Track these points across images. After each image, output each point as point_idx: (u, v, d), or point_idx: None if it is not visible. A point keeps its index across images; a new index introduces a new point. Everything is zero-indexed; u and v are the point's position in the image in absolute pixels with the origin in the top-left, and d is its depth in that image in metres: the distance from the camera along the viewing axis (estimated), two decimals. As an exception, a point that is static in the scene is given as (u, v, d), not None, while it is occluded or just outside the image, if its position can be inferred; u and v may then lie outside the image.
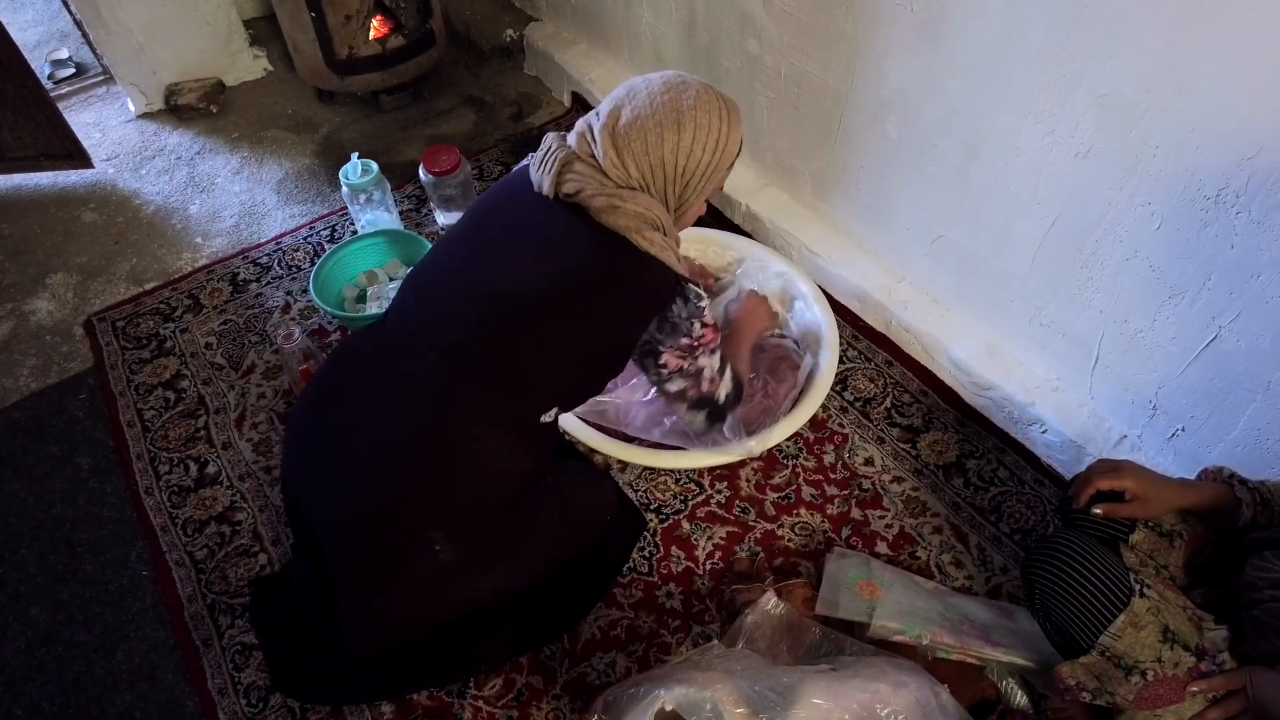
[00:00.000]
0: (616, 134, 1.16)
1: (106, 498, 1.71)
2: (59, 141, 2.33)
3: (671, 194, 1.21)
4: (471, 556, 1.23)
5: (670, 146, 1.16)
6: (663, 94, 1.16)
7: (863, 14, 1.54)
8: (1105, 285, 1.41)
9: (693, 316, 1.24)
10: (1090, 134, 1.29)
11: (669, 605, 1.49)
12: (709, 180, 1.22)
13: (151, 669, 1.48)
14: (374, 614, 1.23)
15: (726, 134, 1.19)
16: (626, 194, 1.16)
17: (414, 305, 1.28)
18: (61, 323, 2.05)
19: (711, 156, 1.19)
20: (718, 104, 1.18)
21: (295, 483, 1.30)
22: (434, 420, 1.19)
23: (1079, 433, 1.55)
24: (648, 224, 1.17)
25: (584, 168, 1.18)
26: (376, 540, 1.19)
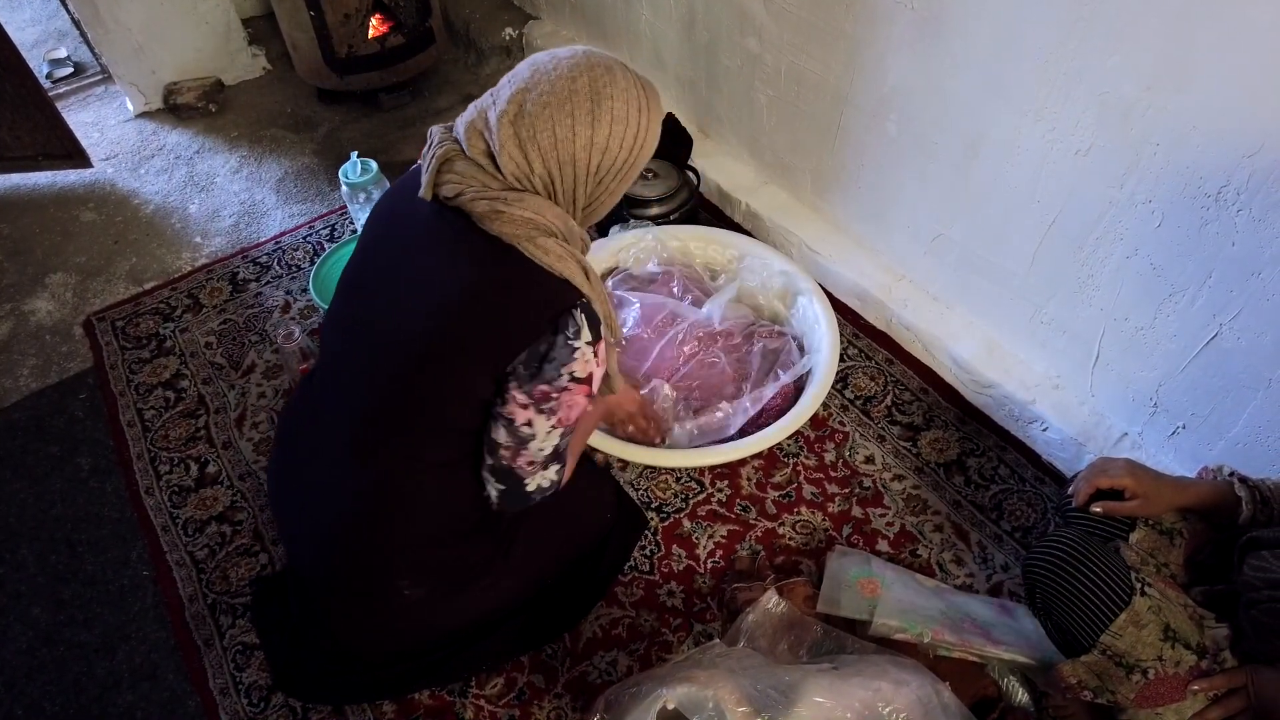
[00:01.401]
0: (520, 124, 1.00)
1: (107, 498, 1.71)
2: (57, 141, 2.33)
3: (581, 193, 1.05)
4: (445, 591, 1.21)
5: (583, 142, 1.00)
6: (573, 79, 0.99)
7: (862, 12, 1.54)
8: (1106, 283, 1.40)
9: (565, 362, 1.03)
10: (1090, 132, 1.29)
11: (670, 604, 1.49)
12: (625, 177, 1.07)
13: (153, 669, 1.47)
14: (360, 644, 1.26)
15: (646, 126, 1.04)
16: (512, 197, 1.00)
17: (327, 351, 1.21)
18: (61, 322, 2.05)
19: (630, 153, 1.04)
20: (636, 91, 1.02)
21: (277, 522, 1.31)
22: (369, 475, 1.13)
23: (1079, 430, 1.55)
24: (539, 230, 1.01)
25: (466, 166, 1.03)
26: (344, 591, 1.20)
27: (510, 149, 1.01)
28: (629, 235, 1.87)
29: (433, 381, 1.06)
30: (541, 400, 1.05)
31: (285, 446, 1.31)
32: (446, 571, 1.22)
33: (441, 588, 1.22)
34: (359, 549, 1.17)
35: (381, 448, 1.12)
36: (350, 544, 1.17)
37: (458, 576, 1.23)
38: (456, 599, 1.25)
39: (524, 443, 1.08)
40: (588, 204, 1.08)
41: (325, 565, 1.21)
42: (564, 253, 1.02)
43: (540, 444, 1.09)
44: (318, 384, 1.24)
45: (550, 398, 1.05)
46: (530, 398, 1.04)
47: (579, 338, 1.03)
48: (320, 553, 1.21)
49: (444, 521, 1.18)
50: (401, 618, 1.23)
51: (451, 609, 1.26)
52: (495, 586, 1.28)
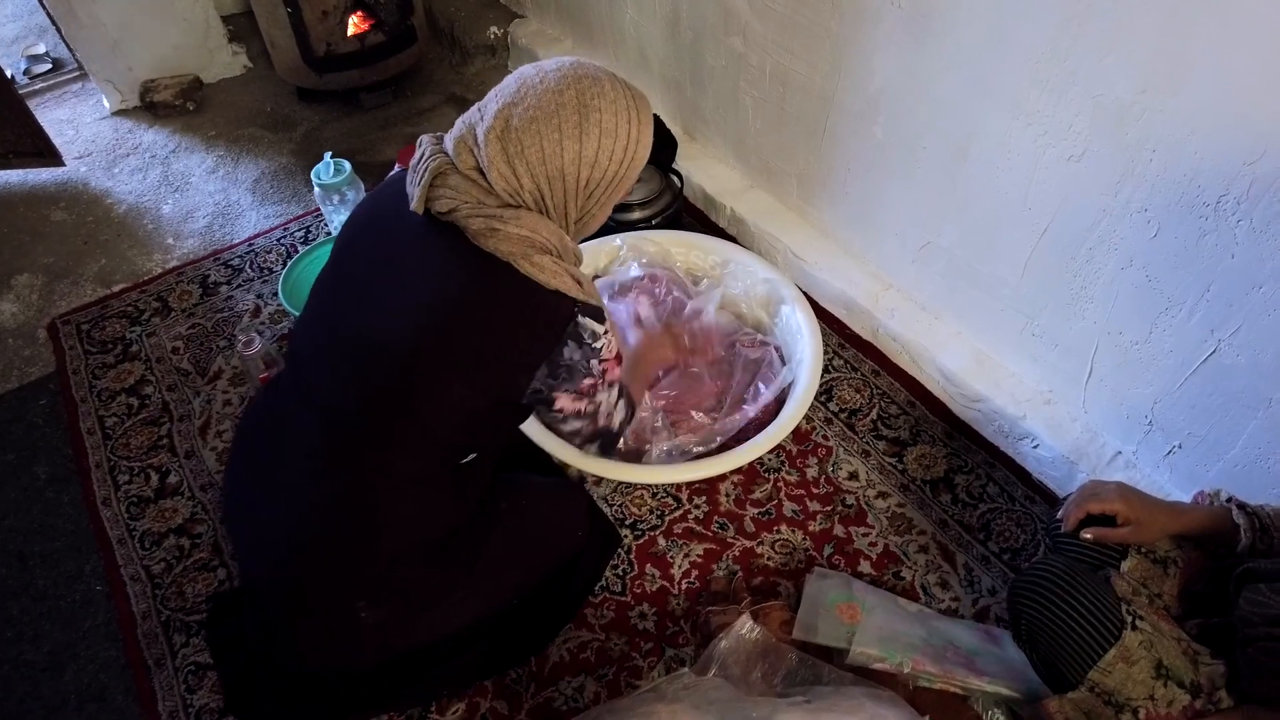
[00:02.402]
0: (507, 140, 0.99)
1: (63, 508, 1.65)
2: (28, 139, 2.28)
3: (573, 208, 1.05)
4: (405, 612, 1.16)
5: (571, 156, 0.99)
6: (560, 91, 0.98)
7: (848, 9, 1.48)
8: (1099, 295, 1.34)
9: (589, 357, 1.10)
10: (1084, 136, 1.22)
11: (642, 627, 1.42)
12: (615, 190, 1.06)
13: (101, 690, 1.41)
14: (315, 664, 1.21)
15: (636, 138, 1.02)
16: (508, 215, 0.99)
17: (297, 355, 1.17)
18: (25, 325, 1.99)
19: (620, 166, 1.03)
20: (625, 102, 1.01)
21: (230, 535, 1.26)
22: (332, 487, 1.09)
23: (1071, 448, 1.48)
24: (535, 248, 1.00)
25: (460, 181, 1.01)
26: (299, 609, 1.14)
27: (499, 165, 0.99)
28: (603, 242, 1.81)
29: (417, 392, 1.04)
30: (588, 393, 1.15)
31: (243, 456, 1.25)
32: (407, 592, 1.16)
33: (401, 609, 1.16)
34: (315, 566, 1.12)
35: (350, 459, 1.08)
36: (306, 560, 1.12)
37: (419, 597, 1.17)
38: (418, 620, 1.19)
39: (596, 416, 1.20)
40: (579, 217, 1.07)
41: (279, 582, 1.15)
42: (558, 268, 1.02)
43: (608, 405, 1.21)
44: (283, 391, 1.19)
45: (595, 385, 1.15)
46: (577, 392, 1.14)
47: (598, 338, 1.09)
48: (275, 568, 1.15)
49: (408, 539, 1.13)
50: (359, 638, 1.17)
51: (412, 630, 1.20)
52: (459, 608, 1.22)
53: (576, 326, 1.07)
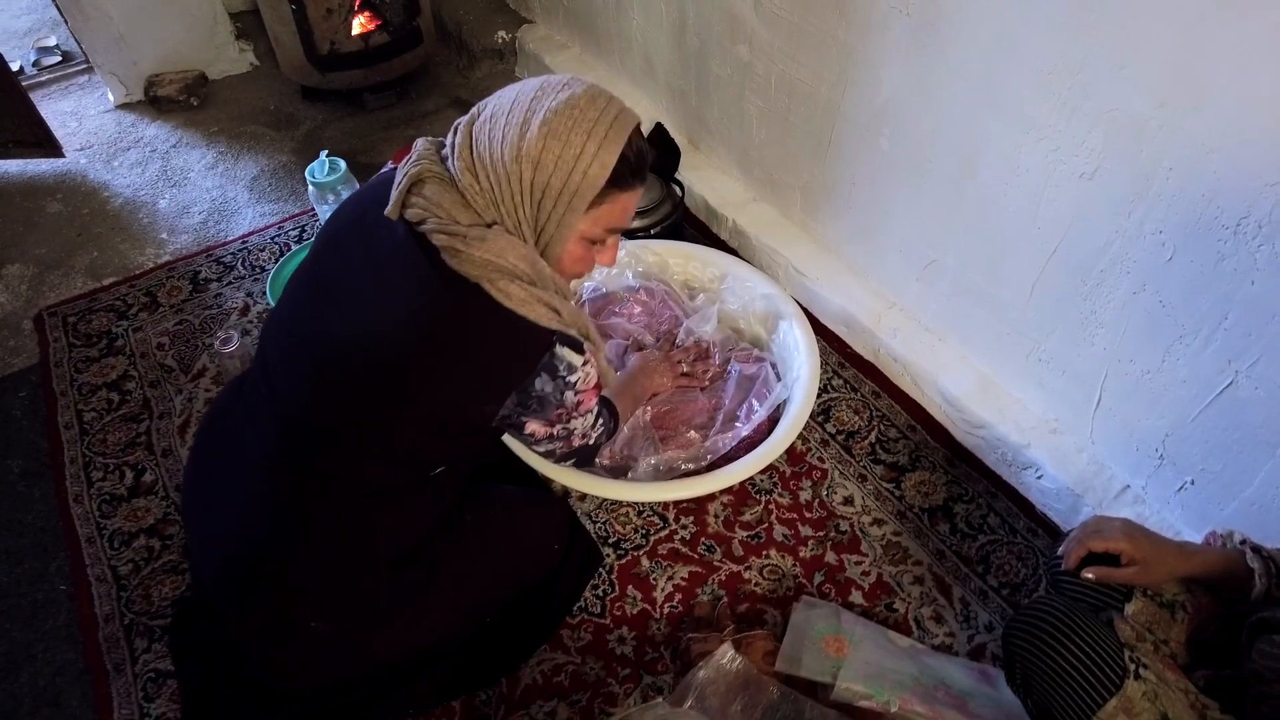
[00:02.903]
0: (473, 133, 0.96)
1: (33, 504, 1.60)
2: (28, 129, 2.26)
3: (525, 216, 0.96)
4: (354, 625, 1.11)
5: (512, 152, 0.92)
6: (533, 93, 0.94)
7: (855, 17, 1.43)
8: (1110, 320, 1.28)
9: (562, 390, 1.05)
10: (1097, 152, 1.17)
11: (620, 651, 1.36)
12: (570, 207, 0.95)
13: (56, 694, 1.36)
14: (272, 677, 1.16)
15: (592, 154, 0.92)
16: (473, 235, 0.93)
17: (265, 352, 1.12)
18: (12, 315, 1.96)
19: (567, 175, 0.92)
20: (595, 116, 0.92)
21: (187, 536, 1.23)
22: (288, 493, 1.04)
23: (1077, 480, 1.42)
24: (501, 273, 0.94)
25: (435, 191, 0.95)
26: (246, 618, 1.09)
27: (464, 157, 0.95)
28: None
29: (378, 408, 1.00)
30: (563, 417, 1.10)
31: (204, 452, 1.20)
32: (359, 604, 1.11)
33: (352, 622, 1.11)
34: (263, 572, 1.07)
35: (306, 466, 1.03)
36: (254, 566, 1.06)
37: (373, 610, 1.12)
38: (373, 634, 1.14)
39: (569, 438, 1.15)
40: (536, 233, 0.98)
41: (227, 586, 1.10)
42: (528, 296, 0.96)
43: (582, 429, 1.16)
44: (248, 391, 1.14)
45: (568, 411, 1.10)
46: (550, 421, 1.09)
47: (573, 371, 1.04)
48: (224, 571, 1.10)
49: (361, 550, 1.08)
50: (310, 649, 1.13)
51: (367, 645, 1.15)
52: (418, 623, 1.17)
53: (552, 358, 1.02)
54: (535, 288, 0.97)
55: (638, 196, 1.03)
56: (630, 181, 0.98)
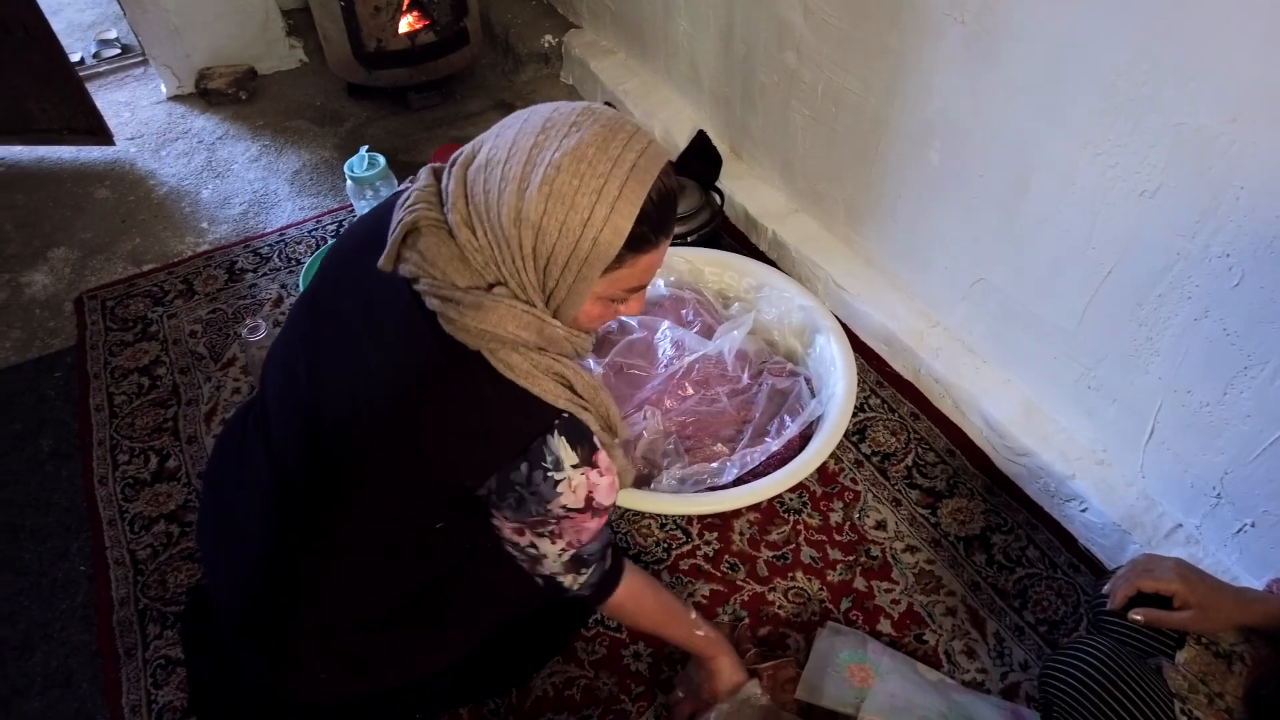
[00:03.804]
0: (468, 181, 0.82)
1: (61, 483, 1.61)
2: (82, 116, 2.30)
3: (530, 280, 0.82)
4: (362, 674, 1.04)
5: (510, 214, 0.78)
6: (534, 136, 0.79)
7: (908, 25, 1.38)
8: (1167, 348, 1.21)
9: (549, 499, 0.86)
10: (1160, 169, 1.10)
11: (634, 668, 1.31)
12: (578, 277, 0.80)
13: (68, 675, 1.36)
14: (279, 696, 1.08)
15: (604, 218, 0.77)
16: (469, 301, 0.81)
17: (266, 385, 1.02)
18: (54, 297, 1.99)
19: (575, 243, 0.78)
20: (605, 169, 0.77)
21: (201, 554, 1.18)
22: (277, 549, 0.96)
23: (1125, 515, 1.34)
24: (501, 343, 0.82)
25: (431, 243, 0.83)
26: (254, 658, 1.02)
27: (459, 208, 0.82)
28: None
29: (365, 470, 0.89)
30: (537, 526, 0.93)
31: (214, 480, 1.14)
32: (368, 656, 1.03)
33: (360, 671, 1.04)
34: (265, 625, 0.99)
35: (304, 518, 0.94)
36: (256, 618, 0.99)
37: (380, 659, 1.04)
38: (381, 675, 1.07)
39: (536, 560, 0.98)
40: (546, 296, 0.84)
41: (234, 628, 1.03)
42: (532, 367, 0.84)
43: (553, 562, 0.97)
44: (252, 422, 1.06)
45: (547, 524, 0.93)
46: (523, 524, 0.93)
47: (560, 468, 0.86)
48: (229, 614, 1.03)
49: (365, 608, 1.00)
50: (318, 689, 1.05)
51: (378, 680, 1.07)
52: (430, 659, 1.09)
53: (542, 444, 0.85)
54: (544, 354, 0.85)
55: (663, 252, 0.87)
56: (653, 240, 0.83)
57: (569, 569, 0.99)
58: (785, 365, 1.60)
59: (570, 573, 1.00)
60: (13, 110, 2.27)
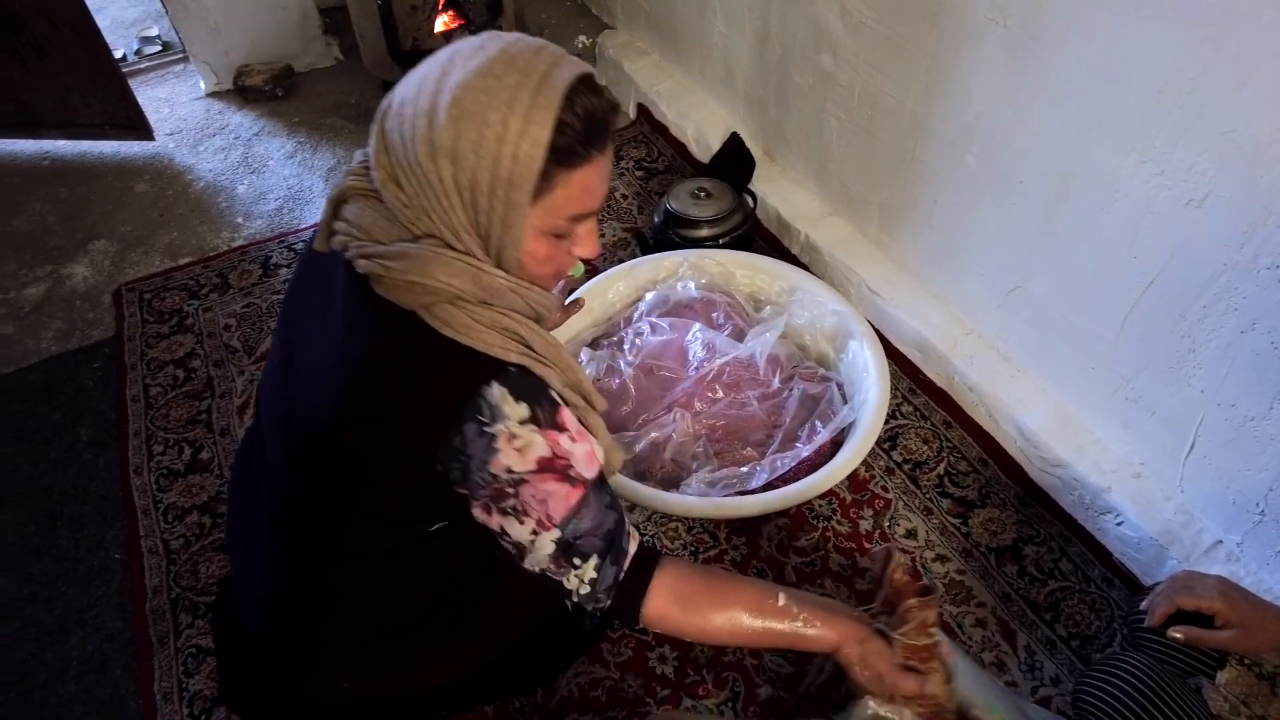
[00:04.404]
0: (385, 131, 0.78)
1: (98, 472, 1.64)
2: (124, 112, 2.34)
3: (461, 223, 0.77)
4: (387, 681, 1.04)
5: (424, 148, 0.74)
6: (441, 67, 0.75)
7: (948, 28, 1.37)
8: (1211, 360, 1.18)
9: (486, 458, 0.78)
10: (1208, 178, 1.08)
11: (660, 671, 1.31)
12: (507, 204, 0.75)
13: (102, 661, 1.38)
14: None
15: (518, 129, 0.72)
16: (393, 253, 0.77)
17: (259, 408, 1.03)
18: (94, 289, 2.02)
19: (492, 165, 0.73)
20: (514, 81, 0.73)
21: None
22: (286, 566, 0.95)
23: (1162, 530, 1.31)
24: (435, 296, 0.78)
25: (356, 208, 0.81)
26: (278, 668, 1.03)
27: (380, 160, 0.79)
28: (663, 257, 1.72)
29: (346, 475, 0.86)
30: (498, 500, 0.82)
31: (233, 495, 1.16)
32: (389, 665, 1.03)
33: (385, 679, 1.05)
34: (286, 637, 1.00)
35: (302, 535, 0.94)
36: (277, 629, 1.00)
37: (404, 666, 1.04)
38: (406, 681, 1.07)
39: (521, 552, 0.86)
40: (484, 240, 0.79)
41: (258, 631, 1.03)
42: (472, 321, 0.79)
43: (534, 552, 0.85)
44: (256, 444, 1.06)
45: (505, 495, 0.81)
46: (485, 502, 0.83)
47: (498, 420, 0.78)
48: (255, 617, 1.03)
49: (379, 617, 0.99)
50: (343, 695, 1.06)
51: (405, 683, 1.08)
52: (453, 666, 1.09)
53: (479, 397, 0.78)
54: (489, 309, 0.80)
55: (601, 169, 0.80)
56: (581, 153, 0.76)
57: (559, 562, 0.85)
58: (817, 370, 1.59)
59: (565, 568, 0.86)
60: (58, 105, 2.31)
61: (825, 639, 0.92)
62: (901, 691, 0.91)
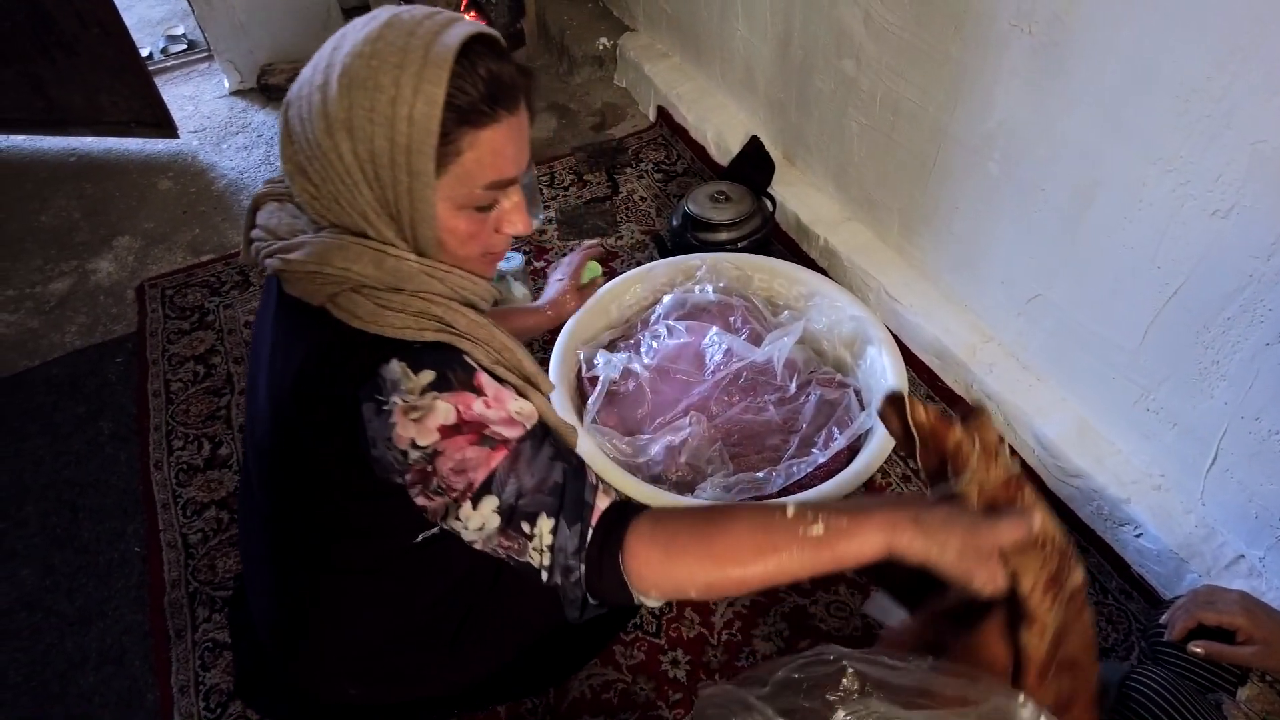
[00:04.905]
0: (289, 121, 0.74)
1: (119, 465, 1.66)
2: (149, 110, 2.37)
3: (369, 204, 0.73)
4: (396, 687, 1.04)
5: (321, 124, 0.71)
6: (333, 44, 0.73)
7: (972, 35, 1.36)
8: (1235, 373, 1.17)
9: (388, 433, 0.72)
10: (1235, 188, 1.07)
11: (672, 675, 1.31)
12: (410, 173, 0.71)
13: (121, 653, 1.40)
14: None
15: (411, 87, 0.68)
16: (294, 243, 0.74)
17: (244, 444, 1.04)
18: (117, 284, 2.05)
19: (389, 132, 0.69)
20: (403, 42, 0.69)
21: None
22: (281, 581, 0.95)
23: (1182, 543, 1.30)
24: (339, 285, 0.74)
25: (268, 211, 0.80)
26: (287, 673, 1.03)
27: (285, 152, 0.75)
28: (681, 260, 1.72)
29: (305, 490, 0.84)
30: (424, 484, 0.74)
31: (241, 505, 1.14)
32: (396, 674, 1.02)
33: (394, 685, 1.04)
34: (293, 650, 1.00)
35: (291, 550, 0.93)
36: (282, 640, 1.00)
37: (411, 675, 1.04)
38: (415, 688, 1.06)
39: (483, 542, 0.77)
40: (396, 221, 0.75)
41: (267, 645, 1.04)
42: (379, 307, 0.74)
43: (486, 532, 0.74)
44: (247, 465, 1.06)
45: (427, 476, 0.73)
46: (419, 491, 0.75)
47: (394, 393, 0.72)
48: (263, 626, 1.04)
49: (384, 626, 0.98)
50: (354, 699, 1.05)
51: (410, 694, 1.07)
52: (464, 669, 1.08)
53: (375, 377, 0.72)
54: (398, 294, 0.75)
55: (512, 131, 0.75)
56: (487, 111, 0.72)
57: (510, 534, 0.74)
58: (834, 376, 1.58)
59: (519, 539, 0.74)
60: (86, 102, 2.35)
61: (865, 539, 0.69)
62: (1005, 542, 0.68)
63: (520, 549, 0.75)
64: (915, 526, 0.69)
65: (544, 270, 1.97)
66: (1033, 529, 0.69)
